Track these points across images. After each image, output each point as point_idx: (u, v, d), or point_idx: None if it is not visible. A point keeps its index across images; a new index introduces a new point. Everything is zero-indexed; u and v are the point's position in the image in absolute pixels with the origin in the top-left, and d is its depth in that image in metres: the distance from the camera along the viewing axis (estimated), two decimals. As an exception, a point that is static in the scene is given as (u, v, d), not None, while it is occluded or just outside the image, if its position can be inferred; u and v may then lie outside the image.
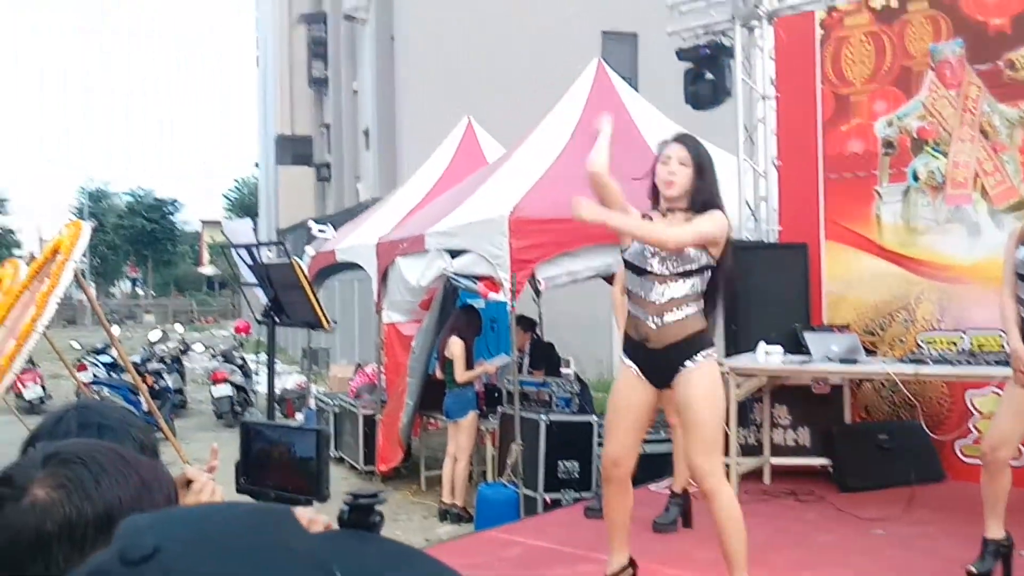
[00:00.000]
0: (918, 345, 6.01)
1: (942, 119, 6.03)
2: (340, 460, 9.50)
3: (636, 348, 3.54)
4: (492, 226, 6.61)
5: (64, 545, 0.99)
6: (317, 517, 1.28)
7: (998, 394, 4.35)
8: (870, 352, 6.08)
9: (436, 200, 8.56)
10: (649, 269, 3.46)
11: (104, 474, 1.05)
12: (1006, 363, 3.99)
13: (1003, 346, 4.17)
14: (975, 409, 5.79)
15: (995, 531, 3.93)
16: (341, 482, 8.81)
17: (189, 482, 1.66)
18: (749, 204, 6.81)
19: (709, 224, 3.45)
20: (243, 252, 4.77)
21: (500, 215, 6.56)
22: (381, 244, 8.42)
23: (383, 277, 8.29)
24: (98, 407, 1.76)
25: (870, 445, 5.78)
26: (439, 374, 7.42)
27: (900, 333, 6.14)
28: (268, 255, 6.39)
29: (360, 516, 0.72)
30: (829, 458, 5.91)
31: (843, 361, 5.29)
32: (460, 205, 7.45)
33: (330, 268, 9.90)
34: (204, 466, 1.80)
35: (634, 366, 3.54)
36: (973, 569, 3.92)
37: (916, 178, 6.13)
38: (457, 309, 7.69)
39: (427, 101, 15.60)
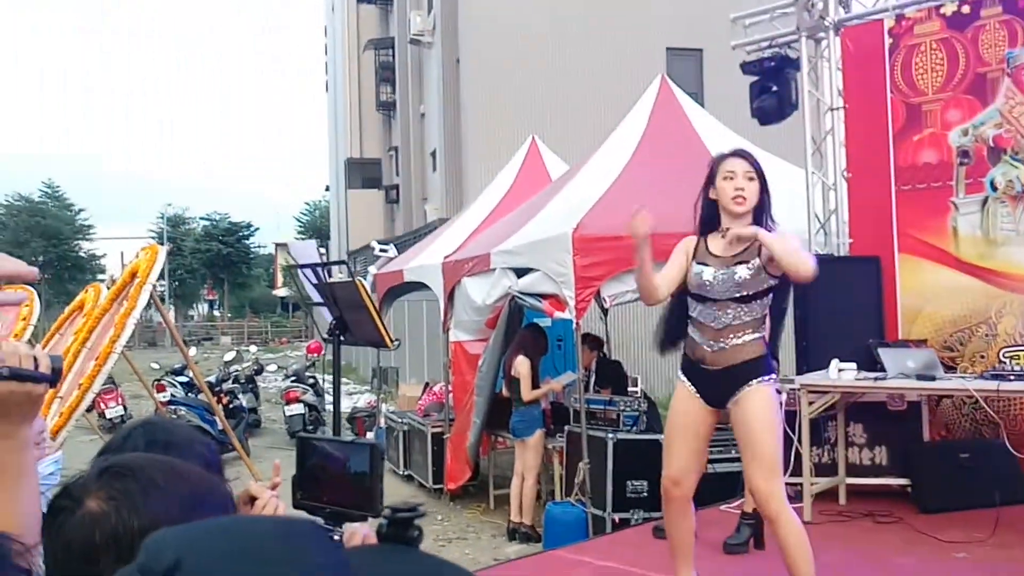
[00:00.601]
0: (1000, 360, 5.80)
1: (1020, 127, 5.83)
2: (409, 478, 9.56)
3: (692, 367, 3.49)
4: (556, 244, 6.59)
5: (111, 555, 1.01)
6: (358, 530, 1.27)
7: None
8: (949, 368, 5.89)
9: (501, 220, 8.58)
10: (708, 296, 3.40)
11: (154, 487, 1.06)
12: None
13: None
14: (1062, 427, 5.56)
15: (1085, 555, 3.75)
16: (410, 501, 8.86)
17: (253, 499, 1.67)
18: (819, 217, 6.67)
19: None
20: (308, 272, 4.83)
21: (564, 233, 6.54)
22: (447, 263, 8.47)
23: (450, 296, 8.33)
24: (165, 424, 1.79)
25: (951, 464, 5.58)
26: (506, 392, 7.41)
27: (981, 348, 5.93)
28: (339, 274, 6.47)
29: (399, 530, 0.70)
30: (907, 478, 5.72)
31: (920, 377, 5.13)
32: (525, 224, 7.46)
33: (399, 288, 10.00)
34: (268, 483, 1.81)
35: (689, 383, 3.48)
36: (1062, 594, 3.75)
37: (994, 188, 5.93)
38: (523, 328, 7.68)
39: (492, 122, 15.70)
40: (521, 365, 7.06)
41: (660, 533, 5.15)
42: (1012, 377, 4.98)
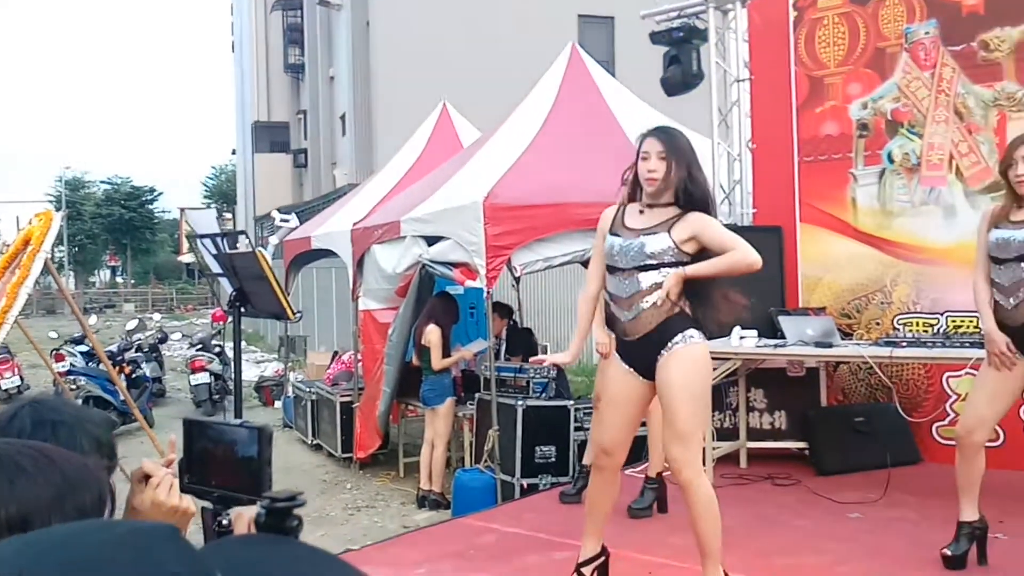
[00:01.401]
0: (894, 327, 6.01)
1: (917, 101, 6.01)
2: (318, 448, 9.46)
3: (621, 344, 3.50)
4: (467, 212, 6.56)
5: None
6: (244, 514, 1.23)
7: (974, 376, 4.34)
8: (846, 335, 6.08)
9: (412, 186, 8.49)
10: (617, 265, 3.41)
11: (21, 475, 1.00)
12: (981, 345, 3.98)
13: (979, 328, 4.16)
14: (952, 391, 5.80)
15: (969, 514, 3.93)
16: (318, 470, 8.77)
17: (147, 476, 1.61)
18: (723, 187, 6.78)
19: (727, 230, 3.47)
20: (208, 242, 4.69)
21: (475, 201, 6.51)
22: (356, 231, 8.35)
23: (359, 264, 8.23)
24: (53, 403, 1.71)
25: (846, 428, 5.78)
26: (416, 361, 7.38)
27: (876, 316, 6.14)
28: (245, 243, 6.31)
29: (276, 520, 0.67)
30: (805, 441, 5.91)
31: (818, 344, 5.28)
32: (435, 191, 7.39)
33: (306, 255, 9.83)
34: (163, 460, 1.75)
35: (620, 358, 3.50)
36: (948, 552, 3.92)
37: (891, 160, 6.11)
38: (433, 296, 7.64)
39: (403, 86, 15.49)
40: (431, 333, 7.03)
41: (566, 498, 5.22)
42: (904, 344, 5.17)
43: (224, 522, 1.35)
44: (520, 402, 6.47)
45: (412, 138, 10.04)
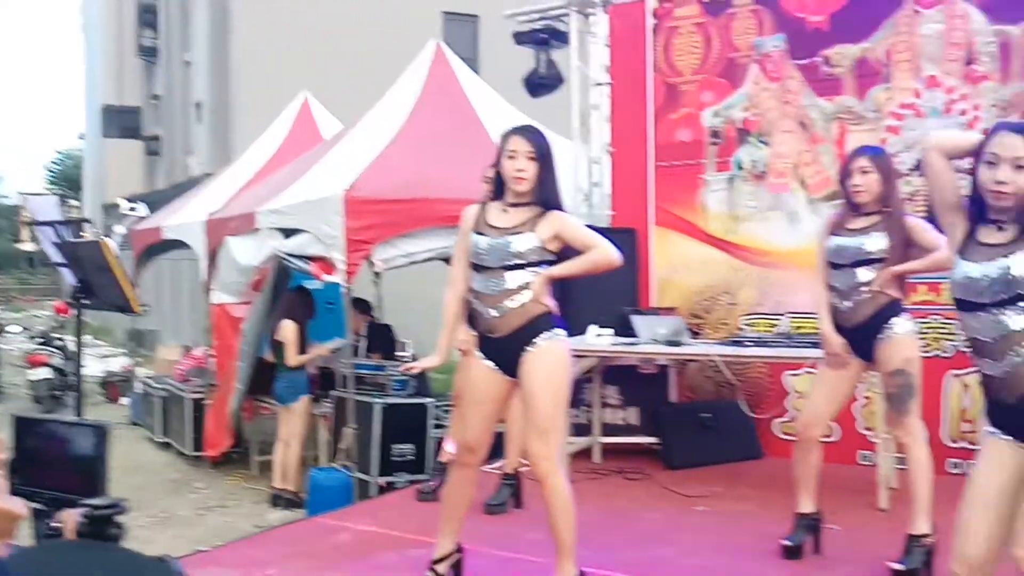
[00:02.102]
0: (740, 327, 6.27)
1: (765, 111, 6.28)
2: (167, 446, 9.13)
3: (482, 339, 3.51)
4: (327, 205, 6.46)
5: None
6: (70, 518, 1.17)
7: (813, 374, 4.57)
8: (695, 334, 6.30)
9: (269, 177, 8.29)
10: (483, 264, 3.42)
11: None
12: (820, 345, 4.19)
13: (818, 329, 4.37)
14: (791, 389, 6.09)
15: (806, 505, 4.13)
16: (167, 469, 8.46)
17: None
18: (582, 189, 6.91)
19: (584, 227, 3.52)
20: (48, 230, 4.44)
21: (335, 194, 6.42)
22: (210, 222, 8.10)
23: (212, 256, 7.97)
24: None
25: (694, 424, 6.00)
26: (271, 357, 7.21)
27: (723, 316, 6.38)
28: (92, 232, 6.00)
29: (96, 527, 0.64)
30: (656, 436, 6.09)
31: (669, 343, 5.45)
32: (294, 183, 7.25)
33: (157, 246, 9.46)
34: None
35: (483, 356, 3.50)
36: (787, 542, 4.11)
37: (740, 167, 6.37)
38: (290, 290, 7.48)
39: (263, 75, 15.09)
40: (286, 329, 6.89)
41: (424, 496, 5.20)
42: (748, 343, 5.40)
43: (54, 525, 1.28)
44: (378, 400, 6.42)
45: (271, 128, 9.82)
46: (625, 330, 5.83)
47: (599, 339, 5.59)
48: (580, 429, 6.13)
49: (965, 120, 5.60)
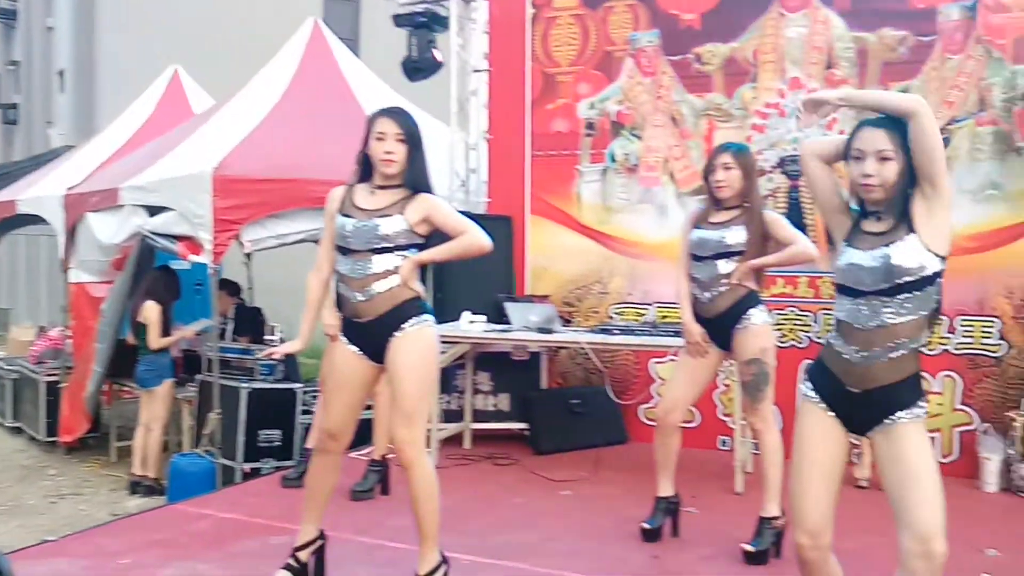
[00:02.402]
0: (610, 316, 6.40)
1: (638, 105, 6.41)
2: (18, 431, 8.71)
3: (347, 323, 3.46)
4: (194, 183, 6.25)
5: None
6: None
7: (676, 361, 4.68)
8: (567, 322, 6.39)
9: (135, 152, 7.97)
10: (349, 247, 3.37)
11: None
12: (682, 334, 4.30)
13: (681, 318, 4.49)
14: (657, 376, 6.26)
15: (666, 489, 4.25)
16: (17, 455, 8.05)
17: None
18: (459, 175, 6.91)
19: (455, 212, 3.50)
20: None
21: (203, 172, 6.21)
22: (70, 196, 7.73)
23: (71, 233, 7.62)
24: None
25: (563, 410, 6.10)
26: (132, 339, 6.95)
27: (595, 304, 6.50)
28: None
29: None
30: (526, 422, 6.17)
31: (540, 330, 5.51)
32: (161, 159, 6.98)
33: (12, 220, 8.97)
34: None
35: (347, 341, 3.45)
36: (646, 525, 4.23)
37: (614, 159, 6.49)
38: (153, 270, 7.22)
39: (131, 45, 14.47)
40: (149, 310, 6.65)
41: (288, 482, 5.12)
42: (616, 331, 5.51)
43: None
44: (245, 384, 6.27)
45: (138, 101, 9.43)
46: (498, 317, 5.88)
47: (472, 326, 5.61)
48: (451, 415, 6.15)
49: (825, 121, 5.83)
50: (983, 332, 5.43)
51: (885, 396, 2.57)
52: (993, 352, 5.43)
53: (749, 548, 3.94)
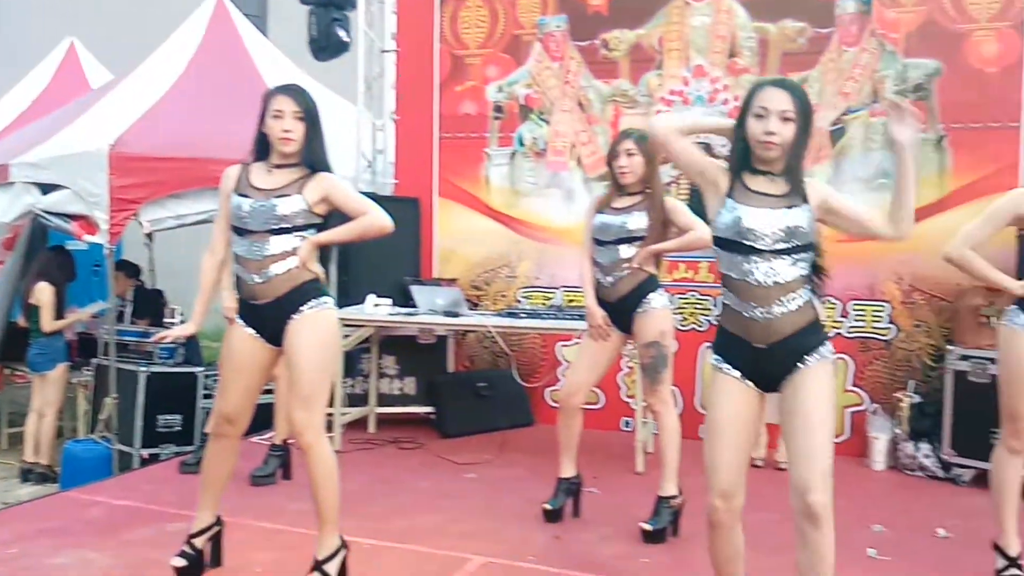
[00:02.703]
0: (517, 300, 6.43)
1: (546, 89, 6.43)
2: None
3: (244, 305, 3.38)
4: (90, 160, 6.03)
5: None
6: None
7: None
8: (475, 305, 6.41)
9: (27, 127, 7.65)
10: (246, 228, 3.29)
11: None
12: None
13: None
14: (563, 359, 6.32)
15: (568, 470, 4.30)
16: None
17: None
18: (366, 156, 6.83)
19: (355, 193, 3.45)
20: None
21: (99, 149, 6.00)
22: (-45, 173, 7.37)
23: (-43, 211, 7.27)
24: None
25: (469, 393, 6.11)
26: (23, 322, 6.70)
27: (503, 288, 6.52)
28: None
29: None
30: (432, 406, 6.16)
31: (446, 313, 5.51)
32: (55, 135, 6.71)
33: None
34: None
35: (244, 323, 3.38)
36: (548, 506, 4.27)
37: (522, 143, 6.50)
38: (46, 250, 6.96)
39: (24, 15, 13.87)
40: (42, 291, 6.41)
41: (187, 468, 5.01)
42: (523, 315, 5.54)
43: None
44: (143, 368, 6.11)
45: (31, 74, 9.05)
46: (405, 300, 5.85)
47: (377, 309, 5.57)
48: (356, 399, 6.10)
49: (727, 109, 5.96)
50: (874, 316, 5.64)
51: (791, 346, 2.66)
52: (883, 335, 5.64)
53: (647, 527, 4.02)
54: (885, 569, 3.69)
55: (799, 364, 2.66)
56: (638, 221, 4.07)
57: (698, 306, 6.04)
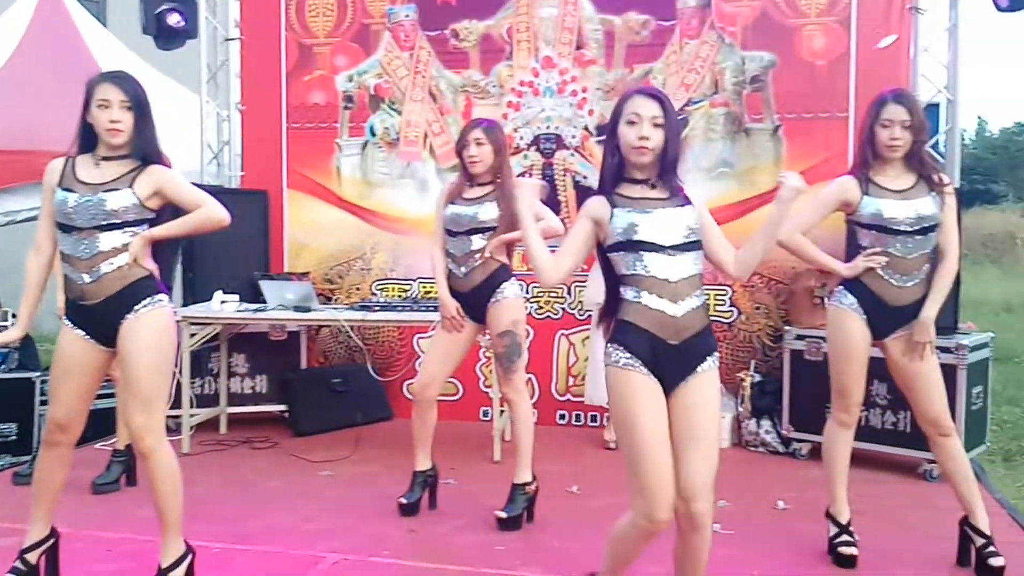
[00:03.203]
0: (373, 292, 6.36)
1: (397, 79, 6.37)
2: None
3: (75, 308, 3.20)
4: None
5: None
6: None
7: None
8: (329, 299, 6.31)
9: None
10: (72, 224, 3.12)
11: None
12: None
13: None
14: (420, 351, 6.29)
15: (423, 463, 4.29)
16: None
17: None
18: (212, 147, 6.61)
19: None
20: None
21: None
22: None
23: None
24: None
25: (324, 389, 6.00)
26: None
27: (357, 281, 6.43)
28: None
29: None
30: (285, 404, 6.02)
31: (297, 308, 5.39)
32: None
33: None
34: None
35: (72, 324, 3.20)
36: (403, 500, 4.25)
37: (373, 133, 6.42)
38: None
39: None
40: None
41: (20, 479, 4.73)
42: (377, 308, 5.47)
43: None
44: (-29, 374, 5.73)
45: None
46: (254, 295, 5.69)
47: (224, 306, 5.39)
48: (205, 400, 5.91)
49: (576, 100, 6.06)
50: (717, 300, 5.86)
51: (696, 344, 2.68)
52: (725, 319, 5.86)
53: (502, 515, 4.05)
54: (728, 542, 3.83)
55: (698, 367, 2.67)
56: (489, 211, 4.09)
57: (553, 294, 6.12)
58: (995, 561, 3.45)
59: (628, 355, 2.65)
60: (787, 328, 5.47)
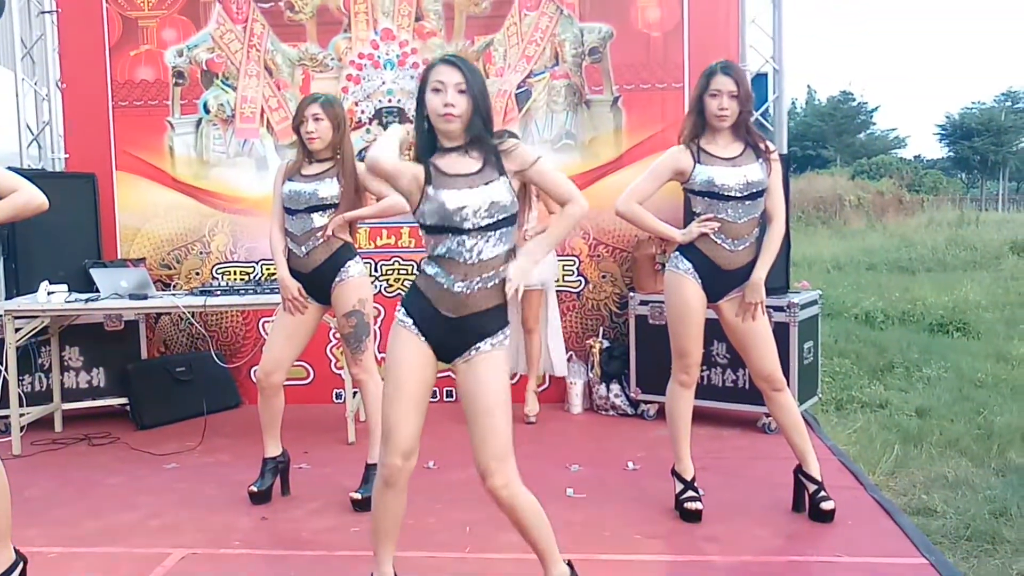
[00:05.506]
0: (213, 276, 6.13)
1: (230, 53, 6.13)
2: None
3: None
4: None
5: None
6: None
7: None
8: (167, 286, 6.05)
9: None
10: None
11: None
12: (281, 291, 4.20)
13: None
14: (266, 335, 6.10)
15: (273, 449, 4.18)
16: None
17: None
18: (31, 128, 6.20)
19: None
20: None
21: None
22: None
23: None
24: None
25: (167, 379, 5.76)
26: None
27: (196, 265, 6.19)
28: None
29: None
30: (126, 397, 5.75)
31: (132, 296, 5.13)
32: None
33: None
34: None
35: None
36: (253, 488, 4.13)
37: (207, 110, 6.17)
38: None
39: None
40: None
41: None
42: (219, 292, 5.27)
43: None
44: None
45: None
46: (86, 285, 5.40)
47: (51, 297, 5.08)
48: (37, 397, 5.57)
49: (417, 72, 5.97)
50: (565, 270, 5.94)
51: (476, 323, 2.69)
52: (574, 288, 5.96)
53: (356, 496, 4.00)
54: (581, 505, 3.91)
55: (478, 345, 2.70)
56: (329, 188, 3.98)
57: (402, 271, 6.06)
58: (826, 505, 3.67)
59: (406, 314, 2.75)
60: (632, 295, 5.61)
